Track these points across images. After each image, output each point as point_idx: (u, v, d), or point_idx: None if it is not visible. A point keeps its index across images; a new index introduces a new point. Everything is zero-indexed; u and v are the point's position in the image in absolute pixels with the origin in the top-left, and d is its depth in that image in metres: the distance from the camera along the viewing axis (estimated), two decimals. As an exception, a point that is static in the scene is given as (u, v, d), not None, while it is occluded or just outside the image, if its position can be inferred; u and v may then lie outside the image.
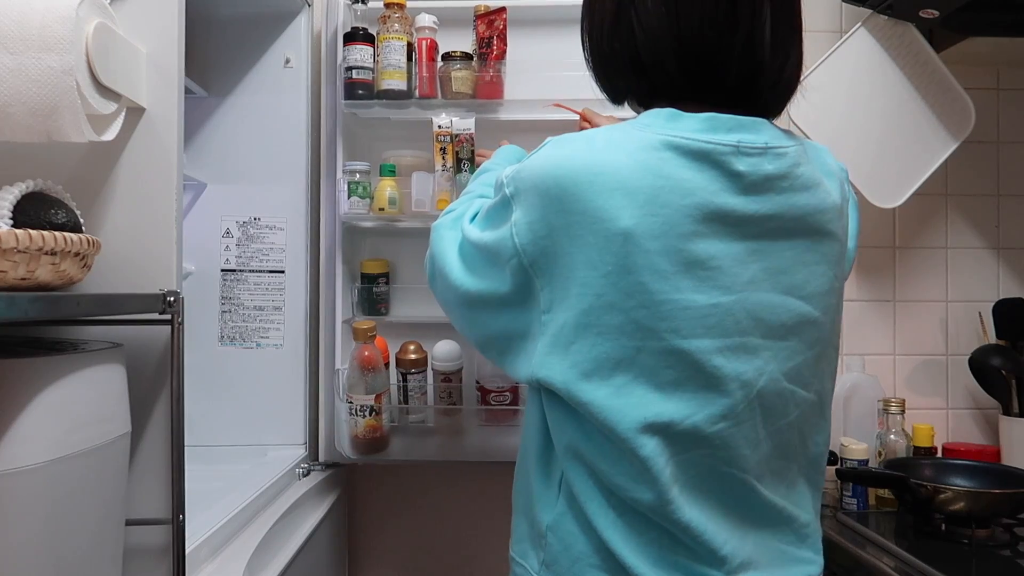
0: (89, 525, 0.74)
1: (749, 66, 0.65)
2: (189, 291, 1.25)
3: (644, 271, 0.60)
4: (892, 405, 1.40)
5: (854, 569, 1.13)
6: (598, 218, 0.61)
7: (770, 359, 0.64)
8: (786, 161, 0.65)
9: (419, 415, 1.41)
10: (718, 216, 0.61)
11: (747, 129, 0.64)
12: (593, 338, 0.62)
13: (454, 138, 1.34)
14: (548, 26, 1.45)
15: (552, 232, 0.63)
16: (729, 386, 0.62)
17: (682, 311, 0.60)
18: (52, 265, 0.70)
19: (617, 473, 0.64)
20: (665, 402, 0.61)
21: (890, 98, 1.44)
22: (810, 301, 0.66)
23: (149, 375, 0.89)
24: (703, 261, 0.61)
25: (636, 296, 0.60)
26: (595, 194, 0.61)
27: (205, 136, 1.47)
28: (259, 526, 1.09)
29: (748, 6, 0.64)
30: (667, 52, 0.65)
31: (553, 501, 0.69)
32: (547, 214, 0.63)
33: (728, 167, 0.62)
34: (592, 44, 0.72)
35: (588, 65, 0.74)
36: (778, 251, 0.64)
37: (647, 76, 0.68)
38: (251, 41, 1.49)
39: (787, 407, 0.66)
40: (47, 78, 0.75)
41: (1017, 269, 1.59)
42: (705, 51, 0.65)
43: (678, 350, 0.61)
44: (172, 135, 0.91)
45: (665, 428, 0.62)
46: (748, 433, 0.64)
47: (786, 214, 0.64)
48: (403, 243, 1.53)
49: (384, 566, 1.59)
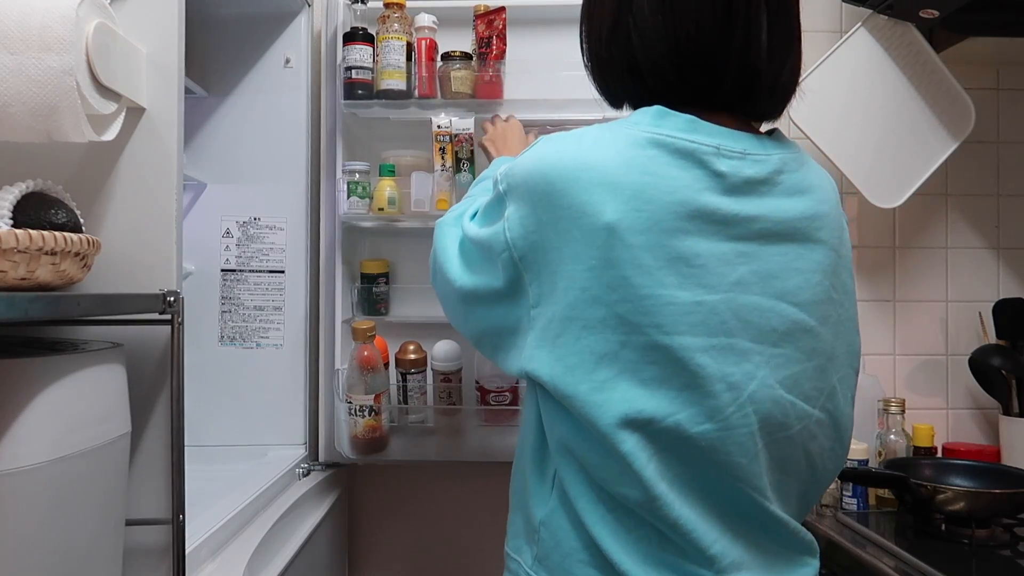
0: (89, 525, 0.74)
1: (746, 71, 0.66)
2: (189, 291, 1.25)
3: (627, 265, 0.60)
4: (892, 405, 1.40)
5: (854, 569, 1.13)
6: (583, 212, 0.62)
7: (761, 364, 0.63)
8: (767, 166, 0.65)
9: (419, 415, 1.41)
10: (702, 214, 0.62)
11: (726, 136, 0.65)
12: (577, 331, 0.62)
13: (453, 138, 1.34)
14: (548, 26, 1.45)
15: (541, 227, 0.64)
16: (714, 387, 0.62)
17: (664, 306, 0.61)
18: (52, 265, 0.70)
19: (604, 469, 0.64)
20: (648, 399, 0.61)
21: (890, 98, 1.44)
22: (804, 309, 0.65)
23: (149, 375, 0.89)
24: (688, 258, 0.61)
25: (619, 290, 0.61)
26: (581, 189, 0.62)
27: (205, 136, 1.47)
28: (259, 526, 1.09)
29: (744, 12, 0.64)
30: (664, 58, 0.66)
31: (547, 497, 0.69)
32: (536, 210, 0.64)
33: (711, 166, 0.63)
34: (590, 49, 0.73)
35: (587, 69, 0.74)
36: (767, 255, 0.64)
37: (644, 81, 0.68)
38: (251, 41, 1.49)
39: (787, 419, 0.65)
40: (47, 78, 0.75)
41: (1017, 269, 1.59)
42: (702, 57, 0.65)
43: (660, 345, 0.61)
44: (172, 135, 0.91)
45: (646, 424, 0.61)
46: (743, 441, 0.63)
47: (770, 217, 0.64)
48: (403, 243, 1.53)
49: (384, 566, 1.59)
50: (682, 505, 0.63)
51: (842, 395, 0.71)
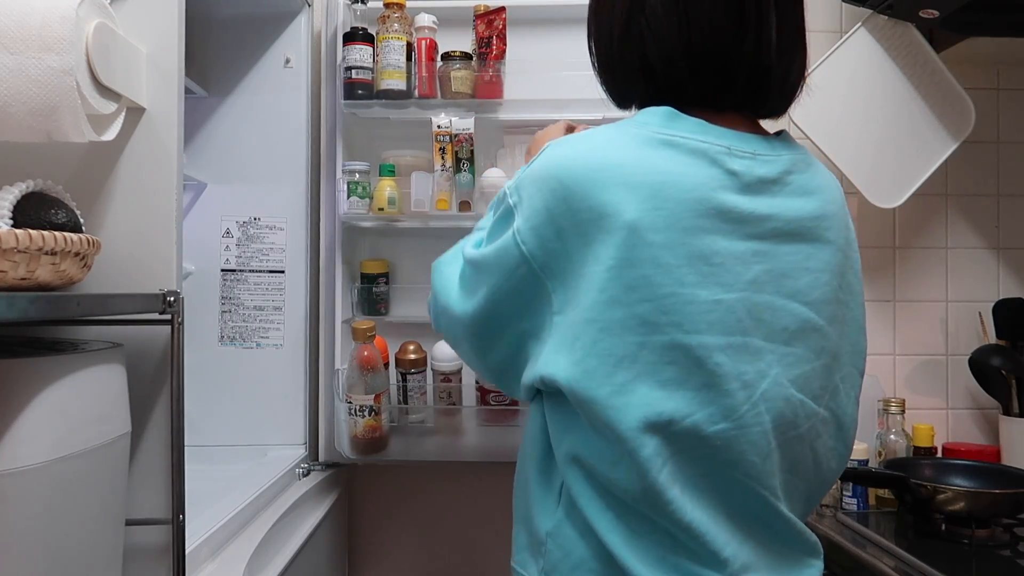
0: (89, 525, 0.74)
1: (758, 70, 0.66)
2: (189, 291, 1.25)
3: (648, 264, 0.60)
4: (892, 405, 1.40)
5: (854, 569, 1.13)
6: (603, 213, 0.61)
7: (773, 363, 0.64)
8: (777, 166, 0.66)
9: (419, 415, 1.41)
10: (719, 212, 0.62)
11: (736, 137, 0.65)
12: (595, 334, 0.62)
13: (453, 138, 1.34)
14: (548, 26, 1.45)
15: (560, 233, 0.63)
16: (730, 385, 0.62)
17: (685, 305, 0.60)
18: (52, 265, 0.70)
19: (617, 474, 0.63)
20: (667, 400, 0.61)
21: (890, 98, 1.44)
22: (813, 308, 0.66)
23: (149, 375, 0.89)
24: (707, 256, 0.61)
25: (640, 290, 0.60)
26: (600, 189, 0.61)
27: (205, 136, 1.47)
28: (259, 526, 1.09)
29: (755, 11, 0.65)
30: (677, 58, 0.66)
31: (553, 508, 0.69)
32: (553, 215, 0.63)
33: (724, 165, 0.63)
34: (599, 50, 0.73)
35: (594, 69, 0.74)
36: (780, 255, 0.64)
37: (656, 81, 0.68)
38: (251, 41, 1.49)
39: (796, 417, 0.66)
40: (47, 78, 0.75)
41: (1017, 269, 1.59)
42: (715, 56, 0.65)
43: (680, 345, 0.61)
44: (172, 135, 0.91)
45: (665, 427, 0.61)
46: (756, 440, 0.63)
47: (782, 216, 0.65)
48: (403, 243, 1.53)
49: (384, 566, 1.59)
50: (695, 508, 0.63)
51: (845, 395, 0.71)
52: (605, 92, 0.74)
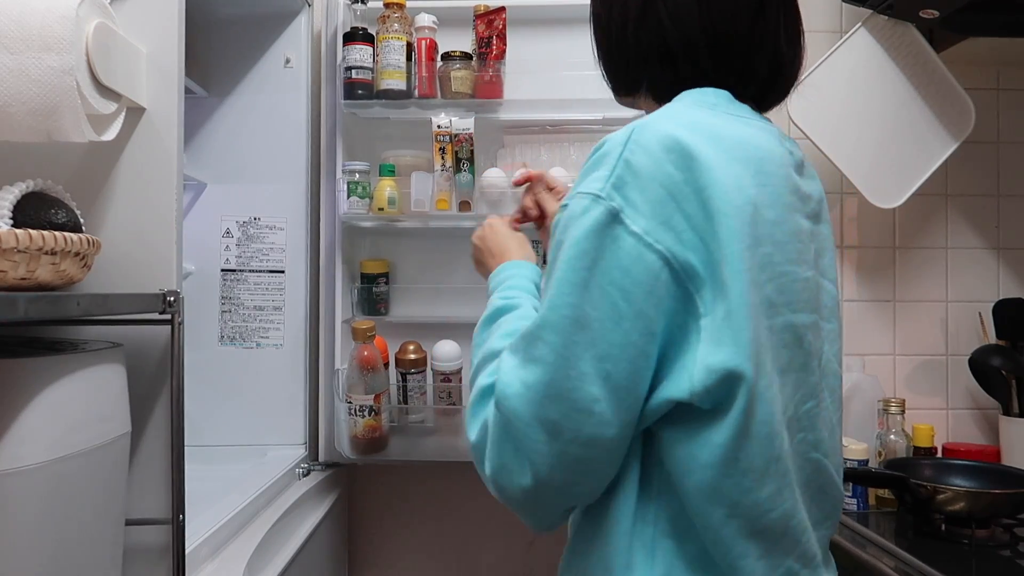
0: (89, 525, 0.74)
1: (775, 57, 0.67)
2: (189, 291, 1.25)
3: (768, 242, 0.58)
4: (892, 405, 1.40)
5: (854, 569, 1.13)
6: (728, 188, 0.55)
7: (826, 339, 0.66)
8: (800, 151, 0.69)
9: (419, 415, 1.41)
10: (795, 190, 0.63)
11: None
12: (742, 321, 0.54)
13: (453, 138, 1.34)
14: (548, 26, 1.45)
15: (690, 219, 0.55)
16: (813, 363, 0.63)
17: (792, 283, 0.60)
18: (52, 265, 0.70)
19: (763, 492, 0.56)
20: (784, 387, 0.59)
21: (890, 98, 1.44)
22: (835, 284, 0.70)
23: (149, 375, 0.89)
24: (798, 233, 0.62)
25: (767, 269, 0.57)
26: (723, 161, 0.56)
27: (205, 136, 1.47)
28: (259, 526, 1.09)
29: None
30: (698, 42, 0.65)
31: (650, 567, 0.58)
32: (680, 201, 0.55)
33: (785, 144, 0.65)
34: (609, 35, 0.71)
35: (599, 55, 0.73)
36: (818, 234, 0.67)
37: (676, 67, 0.67)
38: (251, 41, 1.49)
39: (836, 391, 0.68)
40: (47, 78, 0.75)
41: (1017, 269, 1.59)
42: (737, 41, 0.65)
43: (791, 325, 0.59)
44: (172, 135, 0.91)
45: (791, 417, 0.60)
46: (825, 415, 0.65)
47: (814, 196, 0.68)
48: (403, 243, 1.53)
49: (384, 566, 1.59)
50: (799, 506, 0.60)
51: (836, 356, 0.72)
52: (608, 78, 0.73)
